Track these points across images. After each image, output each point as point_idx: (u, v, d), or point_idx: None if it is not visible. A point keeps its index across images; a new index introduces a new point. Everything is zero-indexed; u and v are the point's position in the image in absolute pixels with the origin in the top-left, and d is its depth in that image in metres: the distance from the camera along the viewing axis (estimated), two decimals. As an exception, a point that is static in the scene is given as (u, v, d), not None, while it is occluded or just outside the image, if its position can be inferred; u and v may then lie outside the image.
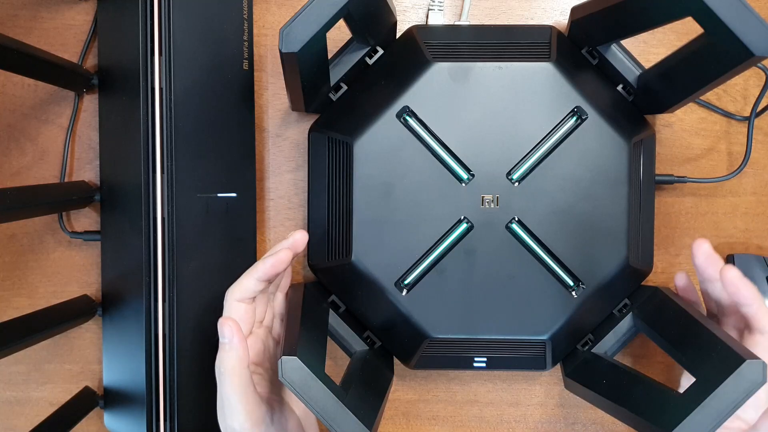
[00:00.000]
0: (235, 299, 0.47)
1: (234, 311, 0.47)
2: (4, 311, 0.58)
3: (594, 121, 0.50)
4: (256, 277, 0.46)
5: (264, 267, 0.46)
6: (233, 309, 0.47)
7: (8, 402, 0.58)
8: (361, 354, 0.52)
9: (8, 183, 0.57)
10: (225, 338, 0.44)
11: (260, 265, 0.47)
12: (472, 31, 0.53)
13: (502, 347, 0.51)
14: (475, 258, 0.50)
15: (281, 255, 0.47)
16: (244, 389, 0.44)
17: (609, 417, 0.55)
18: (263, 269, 0.46)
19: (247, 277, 0.47)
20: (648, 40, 0.56)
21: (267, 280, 0.47)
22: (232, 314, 0.47)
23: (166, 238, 0.51)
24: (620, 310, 0.53)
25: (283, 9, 0.57)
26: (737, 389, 0.39)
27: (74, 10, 0.56)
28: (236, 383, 0.44)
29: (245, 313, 0.47)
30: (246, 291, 0.47)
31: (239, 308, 0.47)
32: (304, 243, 0.49)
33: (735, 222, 0.57)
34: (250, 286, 0.47)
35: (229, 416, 0.44)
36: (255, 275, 0.47)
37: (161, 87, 0.50)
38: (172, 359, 0.51)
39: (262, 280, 0.47)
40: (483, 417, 0.58)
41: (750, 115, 0.55)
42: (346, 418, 0.41)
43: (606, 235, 0.50)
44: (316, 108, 0.53)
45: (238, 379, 0.44)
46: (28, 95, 0.57)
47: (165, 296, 0.51)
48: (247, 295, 0.47)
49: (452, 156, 0.50)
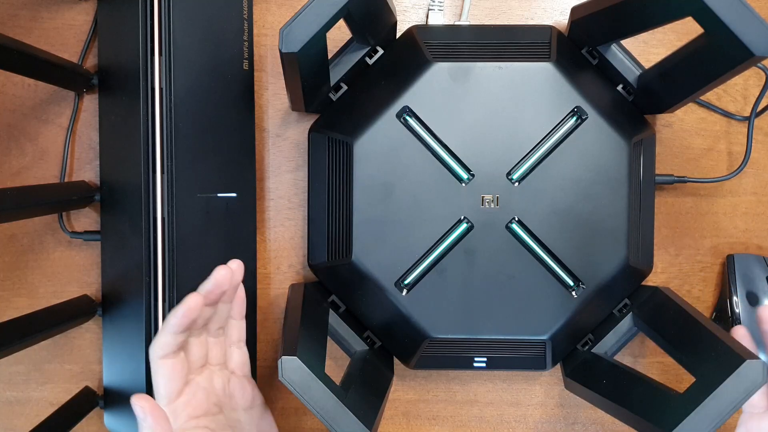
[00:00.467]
0: (158, 357, 0.45)
1: (159, 370, 0.45)
2: (4, 311, 0.58)
3: (594, 121, 0.50)
4: (169, 331, 0.44)
5: (175, 318, 0.44)
6: (159, 368, 0.45)
7: (8, 402, 0.58)
8: (361, 354, 0.52)
9: (8, 183, 0.57)
10: (139, 418, 0.43)
11: (170, 318, 0.44)
12: (472, 31, 0.53)
13: (502, 347, 0.51)
14: (475, 258, 0.50)
15: (189, 301, 0.44)
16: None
17: (609, 417, 0.55)
18: (174, 321, 0.44)
19: (163, 333, 0.45)
20: (648, 40, 0.56)
21: (185, 330, 0.45)
22: (158, 374, 0.45)
23: (166, 238, 0.51)
24: (620, 310, 0.53)
25: (283, 9, 0.57)
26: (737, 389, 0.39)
27: (74, 10, 0.56)
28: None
29: (172, 368, 0.45)
30: (165, 346, 0.45)
31: (165, 366, 0.45)
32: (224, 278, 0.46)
33: (735, 222, 0.57)
34: (168, 340, 0.44)
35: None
36: (168, 329, 0.44)
37: (161, 87, 0.50)
38: (172, 359, 0.51)
39: (178, 332, 0.44)
40: (483, 417, 0.58)
41: (750, 115, 0.55)
42: (346, 418, 0.41)
43: (606, 235, 0.50)
44: (316, 108, 0.53)
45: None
46: (28, 95, 0.57)
47: (165, 296, 0.51)
48: (169, 350, 0.45)
49: (452, 156, 0.50)
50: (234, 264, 0.47)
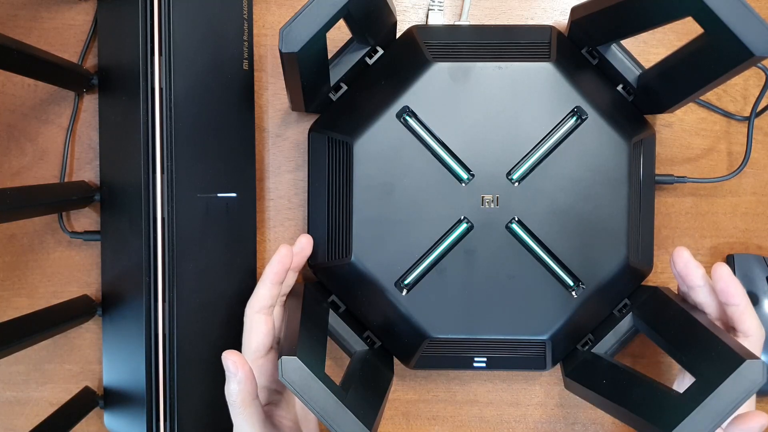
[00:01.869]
0: (255, 311, 0.47)
1: (255, 326, 0.47)
2: (4, 311, 0.58)
3: (594, 121, 0.50)
4: (269, 281, 0.47)
5: (272, 268, 0.47)
6: (254, 323, 0.47)
7: (8, 402, 0.58)
8: (361, 354, 0.52)
9: (8, 183, 0.57)
10: (230, 372, 0.44)
11: (268, 269, 0.47)
12: (472, 31, 0.53)
13: (502, 347, 0.51)
14: (475, 258, 0.50)
15: (282, 251, 0.48)
16: (253, 419, 0.45)
17: (609, 417, 0.55)
18: (272, 270, 0.47)
19: (263, 285, 0.48)
20: (648, 40, 0.56)
21: (279, 282, 0.48)
22: (253, 330, 0.47)
23: (166, 238, 0.51)
24: (620, 310, 0.53)
25: (283, 9, 0.57)
26: (737, 389, 0.39)
27: (74, 10, 0.56)
28: (247, 415, 0.44)
29: (265, 325, 0.48)
30: (264, 299, 0.47)
31: (260, 322, 0.48)
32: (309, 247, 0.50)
33: (735, 222, 0.57)
34: (267, 292, 0.47)
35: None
36: (268, 280, 0.47)
37: (161, 87, 0.50)
38: (172, 359, 0.51)
39: (275, 283, 0.47)
40: (483, 417, 0.58)
41: (750, 115, 0.55)
42: (346, 418, 0.41)
43: (606, 235, 0.50)
44: (316, 108, 0.53)
45: (248, 411, 0.44)
46: (28, 95, 0.57)
47: (165, 296, 0.51)
48: (267, 303, 0.47)
49: (452, 156, 0.50)
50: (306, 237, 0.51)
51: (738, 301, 0.44)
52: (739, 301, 0.44)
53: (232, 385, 0.44)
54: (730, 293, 0.44)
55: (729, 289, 0.44)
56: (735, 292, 0.44)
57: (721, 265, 0.44)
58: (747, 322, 0.44)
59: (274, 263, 0.48)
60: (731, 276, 0.44)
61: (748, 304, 0.44)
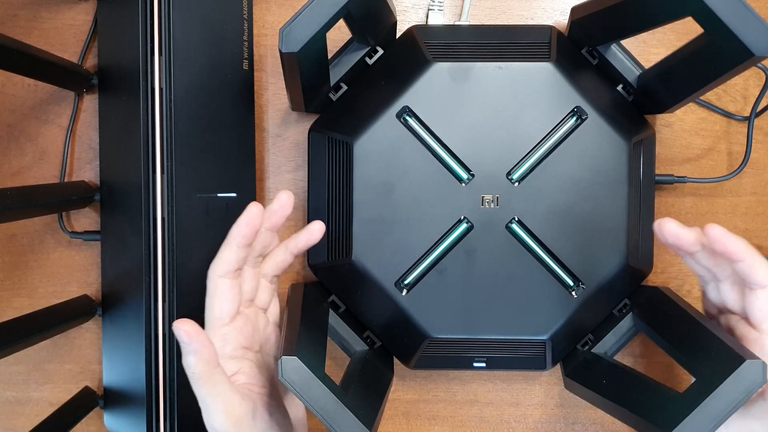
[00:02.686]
0: (218, 275, 0.45)
1: (218, 290, 0.45)
2: (4, 311, 0.58)
3: (594, 121, 0.50)
4: (234, 244, 0.44)
5: (239, 230, 0.44)
6: (217, 287, 0.45)
7: (8, 402, 0.58)
8: (361, 354, 0.52)
9: (8, 183, 0.57)
10: (183, 343, 0.41)
11: (234, 230, 0.44)
12: (472, 31, 0.53)
13: (502, 347, 0.51)
14: (475, 258, 0.50)
15: (251, 209, 0.45)
16: (219, 389, 0.42)
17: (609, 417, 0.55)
18: (238, 232, 0.44)
19: (227, 248, 0.45)
20: (648, 40, 0.56)
21: (246, 245, 0.45)
22: (216, 294, 0.45)
23: (166, 238, 0.51)
24: (620, 310, 0.53)
25: (283, 9, 0.57)
26: (737, 389, 0.39)
27: (74, 10, 0.56)
28: (209, 386, 0.42)
29: (230, 290, 0.45)
30: (228, 263, 0.45)
31: (223, 285, 0.45)
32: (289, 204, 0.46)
33: (735, 222, 0.57)
34: (231, 256, 0.45)
35: (208, 417, 0.43)
36: (233, 242, 0.44)
37: (161, 87, 0.50)
38: (172, 359, 0.51)
39: (241, 246, 0.44)
40: (483, 417, 0.58)
41: (750, 115, 0.55)
42: (346, 418, 0.41)
43: (606, 235, 0.50)
44: (316, 108, 0.53)
45: (210, 382, 0.42)
46: (28, 95, 0.57)
47: (165, 296, 0.51)
48: (231, 268, 0.45)
49: (452, 156, 0.50)
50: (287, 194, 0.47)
51: (743, 256, 0.41)
52: (744, 256, 0.41)
53: (189, 358, 0.41)
54: (731, 250, 0.41)
55: (728, 247, 0.41)
56: (735, 248, 0.41)
57: (712, 227, 0.41)
58: (759, 273, 0.41)
59: (241, 224, 0.44)
60: (726, 233, 0.41)
61: (755, 254, 0.41)
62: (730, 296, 0.45)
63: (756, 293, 0.42)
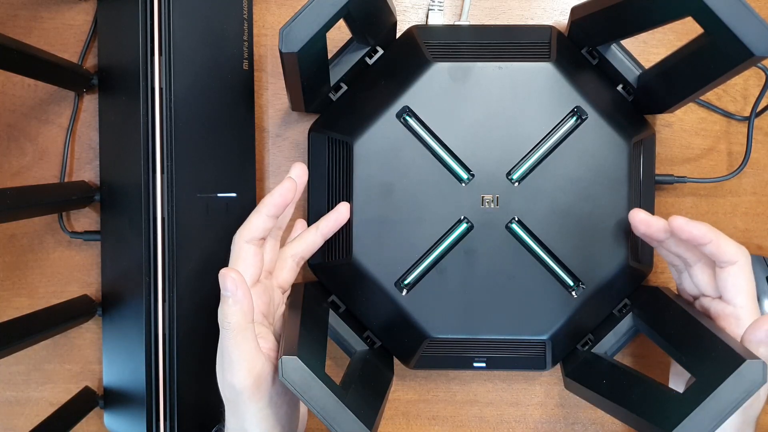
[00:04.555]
0: (245, 240, 0.45)
1: (243, 255, 0.45)
2: (4, 311, 0.58)
3: (594, 121, 0.50)
4: (265, 213, 0.45)
5: (272, 199, 0.45)
6: (242, 252, 0.45)
7: (8, 402, 0.58)
8: (361, 354, 0.52)
9: (8, 183, 0.57)
10: (227, 291, 0.41)
11: (268, 199, 0.45)
12: (472, 31, 0.53)
13: (502, 347, 0.51)
14: (475, 258, 0.50)
15: (286, 184, 0.45)
16: (247, 346, 0.42)
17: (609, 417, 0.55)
18: (272, 202, 0.45)
19: (256, 215, 0.45)
20: (648, 40, 0.56)
21: (275, 215, 0.45)
22: (240, 258, 0.45)
23: (166, 238, 0.51)
24: (620, 310, 0.53)
25: (283, 9, 0.57)
26: (737, 389, 0.39)
27: (74, 10, 0.56)
28: (240, 339, 0.41)
29: (254, 256, 0.45)
30: (256, 230, 0.45)
31: (249, 251, 0.45)
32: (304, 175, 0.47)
33: (735, 222, 0.57)
34: (260, 224, 0.45)
35: (229, 372, 0.42)
36: (264, 211, 0.45)
37: (161, 87, 0.50)
38: (172, 359, 0.51)
39: (271, 216, 0.45)
40: (483, 417, 0.58)
41: (750, 115, 0.55)
42: (346, 418, 0.41)
43: (606, 235, 0.50)
44: (316, 108, 0.53)
45: (242, 336, 0.41)
46: (28, 95, 0.57)
47: (165, 296, 0.51)
48: (258, 235, 0.45)
49: (452, 156, 0.50)
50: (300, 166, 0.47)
51: (707, 239, 0.43)
52: (709, 238, 0.43)
53: (229, 306, 0.41)
54: (696, 235, 0.43)
55: (693, 233, 0.43)
56: (699, 232, 0.43)
57: (674, 218, 0.43)
58: (726, 251, 0.43)
59: (276, 195, 0.45)
60: (688, 222, 0.43)
61: (719, 235, 0.43)
62: (702, 279, 0.47)
63: (726, 270, 0.44)
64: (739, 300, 0.44)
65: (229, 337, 0.42)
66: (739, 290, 0.44)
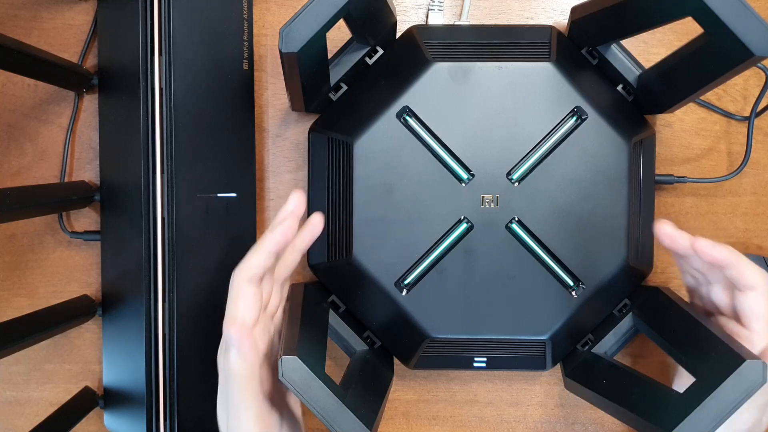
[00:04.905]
0: (245, 280, 0.42)
1: (243, 295, 0.42)
2: (4, 311, 0.58)
3: (594, 121, 0.50)
4: (266, 250, 0.42)
5: (273, 237, 0.42)
6: (242, 292, 0.42)
7: (8, 402, 0.58)
8: (361, 354, 0.52)
9: (8, 183, 0.57)
10: (233, 343, 0.40)
11: (268, 236, 0.42)
12: (472, 31, 0.53)
13: (502, 347, 0.51)
14: (475, 258, 0.50)
15: (288, 222, 0.43)
16: (254, 395, 0.41)
17: (609, 417, 0.55)
18: (272, 239, 0.42)
19: (256, 253, 0.42)
20: (648, 40, 0.56)
21: (276, 253, 0.43)
22: (240, 299, 0.42)
23: (166, 238, 0.51)
24: (620, 310, 0.53)
25: (283, 9, 0.57)
26: (737, 389, 0.39)
27: (74, 10, 0.56)
28: (246, 389, 0.41)
29: (254, 297, 0.43)
30: (256, 268, 0.42)
31: (248, 292, 0.42)
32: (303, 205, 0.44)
33: (735, 222, 0.57)
34: (260, 262, 0.42)
35: (235, 420, 0.41)
36: (264, 248, 0.42)
37: (161, 87, 0.50)
38: (172, 359, 0.51)
39: (272, 253, 0.43)
40: (483, 417, 0.58)
41: (750, 115, 0.55)
42: (346, 418, 0.41)
43: (606, 235, 0.50)
44: (316, 108, 0.53)
45: (248, 385, 0.41)
46: (28, 95, 0.57)
47: (165, 296, 0.51)
48: (258, 273, 0.42)
49: (452, 156, 0.50)
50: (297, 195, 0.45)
51: (730, 262, 0.43)
52: (731, 261, 0.43)
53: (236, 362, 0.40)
54: (719, 259, 0.43)
55: (716, 257, 0.43)
56: (722, 255, 0.43)
57: (698, 240, 0.43)
58: (748, 277, 0.43)
59: (276, 233, 0.42)
60: (712, 245, 0.43)
61: (741, 259, 0.43)
62: (721, 298, 0.47)
63: (746, 294, 0.44)
64: (755, 325, 0.44)
65: (236, 388, 0.41)
66: (757, 316, 0.44)
